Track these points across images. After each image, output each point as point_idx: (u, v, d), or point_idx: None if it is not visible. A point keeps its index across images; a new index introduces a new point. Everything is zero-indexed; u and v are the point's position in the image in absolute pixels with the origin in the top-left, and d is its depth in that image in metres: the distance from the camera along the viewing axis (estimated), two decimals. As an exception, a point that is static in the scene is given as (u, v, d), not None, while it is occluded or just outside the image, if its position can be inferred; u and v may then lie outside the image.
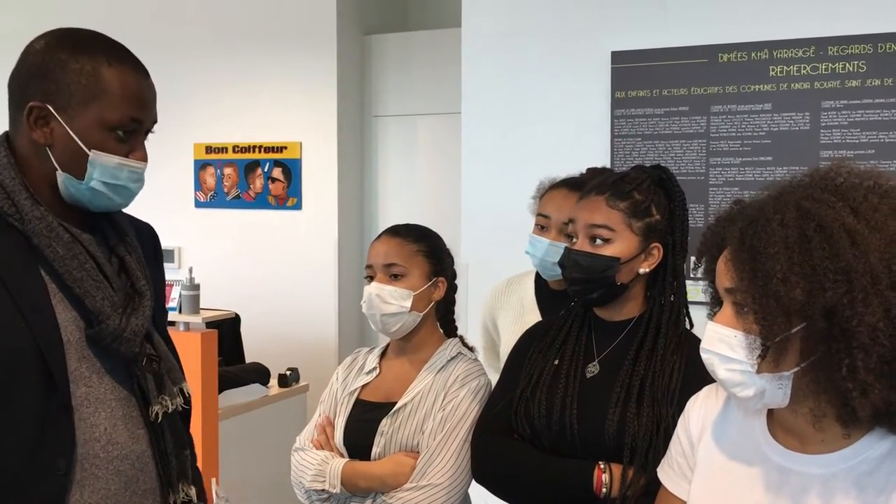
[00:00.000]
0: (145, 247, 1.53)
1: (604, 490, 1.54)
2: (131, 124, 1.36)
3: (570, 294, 1.73)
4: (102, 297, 1.33)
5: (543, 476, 1.61)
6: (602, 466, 1.55)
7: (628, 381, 1.60)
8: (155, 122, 1.42)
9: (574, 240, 1.69)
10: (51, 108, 1.32)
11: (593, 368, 1.67)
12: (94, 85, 1.33)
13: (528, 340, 1.79)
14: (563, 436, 1.60)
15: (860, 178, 1.14)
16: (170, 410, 1.42)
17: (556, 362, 1.69)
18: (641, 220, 1.64)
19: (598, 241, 1.64)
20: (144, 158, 1.38)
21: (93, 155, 1.33)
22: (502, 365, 1.84)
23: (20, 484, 1.25)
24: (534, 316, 2.24)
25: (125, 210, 1.49)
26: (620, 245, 1.63)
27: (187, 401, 1.48)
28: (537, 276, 2.32)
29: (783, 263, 1.08)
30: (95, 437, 1.33)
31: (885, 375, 1.04)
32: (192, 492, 1.47)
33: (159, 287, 1.58)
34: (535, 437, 1.64)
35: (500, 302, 2.38)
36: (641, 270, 1.66)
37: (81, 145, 1.33)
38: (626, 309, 1.69)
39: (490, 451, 1.69)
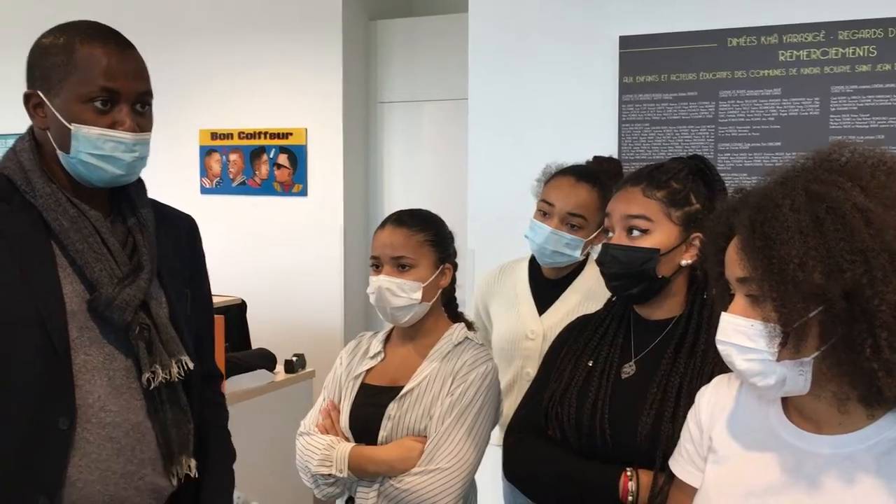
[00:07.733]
0: (182, 237, 1.62)
1: (629, 498, 1.45)
2: (104, 94, 1.38)
3: (610, 291, 1.64)
4: (101, 269, 1.40)
5: (568, 480, 1.54)
6: (629, 473, 1.47)
7: (665, 381, 1.51)
8: (142, 93, 1.43)
9: (610, 234, 1.61)
10: (41, 94, 1.41)
11: (629, 369, 1.58)
12: (68, 62, 1.38)
13: (567, 336, 1.73)
14: (593, 439, 1.54)
15: (863, 157, 1.13)
16: (160, 378, 1.43)
17: (591, 363, 1.62)
18: (680, 209, 1.57)
19: (636, 233, 1.56)
20: (133, 129, 1.40)
21: (73, 128, 1.38)
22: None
23: (26, 439, 1.34)
24: (528, 305, 2.21)
25: (165, 202, 1.60)
26: (659, 235, 1.56)
27: (188, 373, 1.48)
28: (531, 263, 2.28)
29: (799, 248, 1.06)
30: (89, 404, 1.38)
31: None
32: (193, 464, 1.49)
33: (197, 275, 1.66)
34: (566, 439, 1.58)
35: (492, 289, 2.34)
36: (683, 262, 1.57)
37: (63, 121, 1.39)
38: (668, 306, 1.60)
39: (517, 452, 1.64)
